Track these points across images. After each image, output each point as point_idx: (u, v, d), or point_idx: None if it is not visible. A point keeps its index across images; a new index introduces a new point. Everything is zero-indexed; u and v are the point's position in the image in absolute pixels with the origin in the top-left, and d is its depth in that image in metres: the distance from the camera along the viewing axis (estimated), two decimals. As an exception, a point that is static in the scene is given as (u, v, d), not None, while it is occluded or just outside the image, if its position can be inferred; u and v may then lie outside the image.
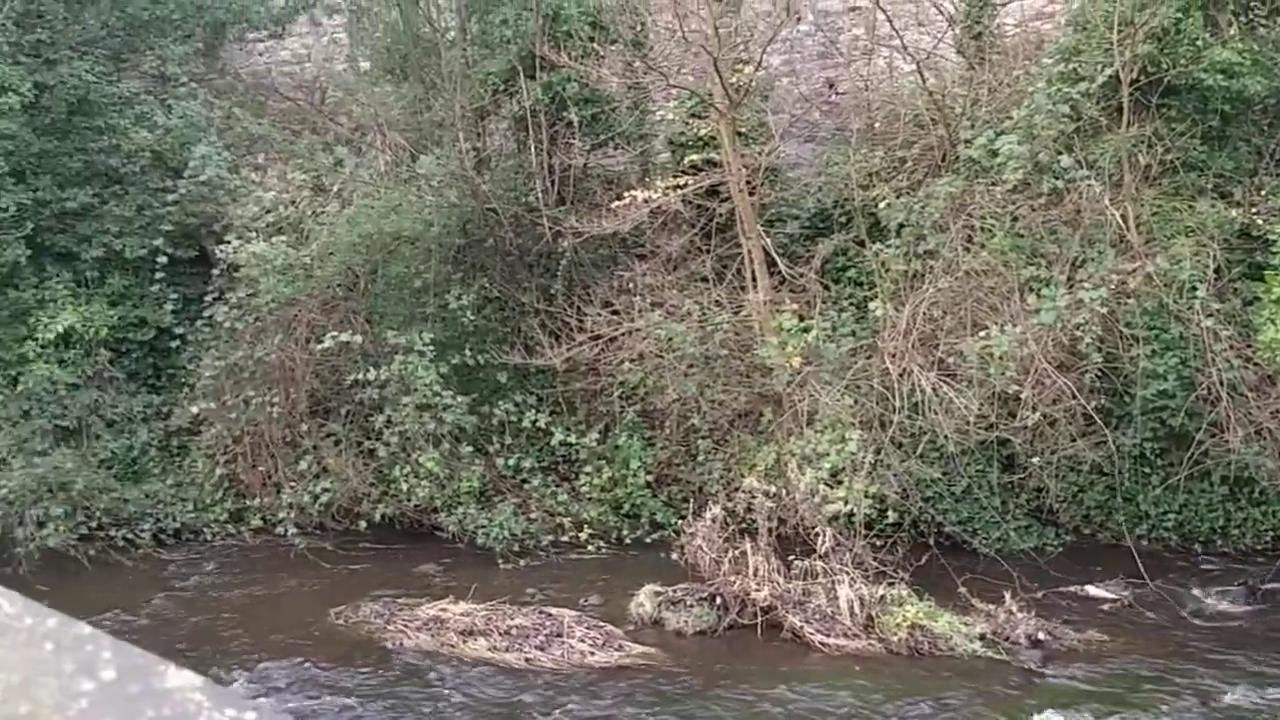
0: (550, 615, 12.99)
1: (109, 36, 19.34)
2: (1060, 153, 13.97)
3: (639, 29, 17.60)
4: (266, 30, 21.77)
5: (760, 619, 12.58)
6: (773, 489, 13.56)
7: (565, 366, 16.27)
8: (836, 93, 18.86)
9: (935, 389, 13.49)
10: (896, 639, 12.09)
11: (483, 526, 15.35)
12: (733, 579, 12.85)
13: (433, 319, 16.45)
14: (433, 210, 16.67)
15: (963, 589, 12.70)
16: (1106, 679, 11.39)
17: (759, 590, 12.65)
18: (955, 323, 14.14)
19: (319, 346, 15.96)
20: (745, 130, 16.61)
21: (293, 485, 16.15)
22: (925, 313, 14.18)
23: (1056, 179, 13.92)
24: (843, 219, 16.65)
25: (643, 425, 16.39)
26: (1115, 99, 14.55)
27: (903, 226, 14.75)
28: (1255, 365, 13.82)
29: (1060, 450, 13.87)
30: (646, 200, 15.96)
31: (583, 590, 14.04)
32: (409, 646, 12.63)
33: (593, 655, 12.31)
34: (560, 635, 12.59)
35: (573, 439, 16.29)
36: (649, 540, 15.49)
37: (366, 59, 19.81)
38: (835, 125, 18.09)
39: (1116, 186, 14.44)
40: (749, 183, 15.83)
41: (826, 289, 15.93)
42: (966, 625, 12.19)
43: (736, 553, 13.02)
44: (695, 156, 16.66)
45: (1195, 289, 13.64)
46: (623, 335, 16.09)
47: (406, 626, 12.97)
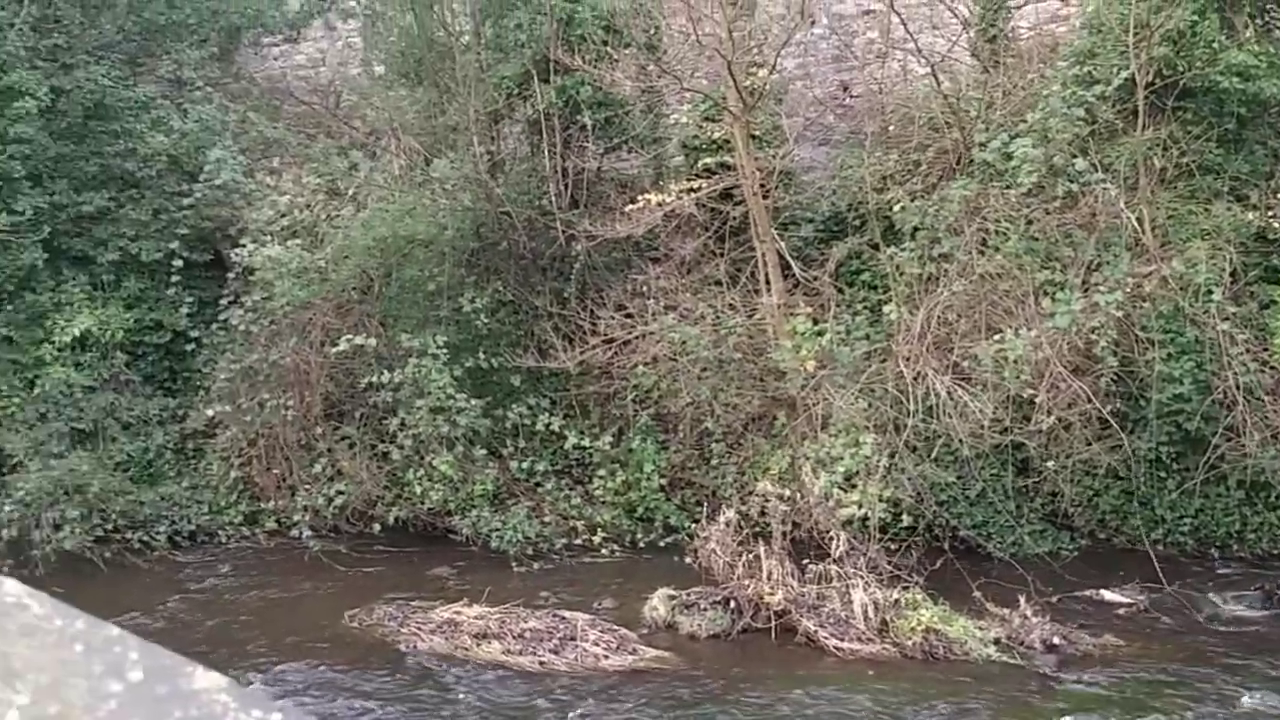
0: (564, 619, 12.98)
1: (125, 41, 19.43)
2: (1075, 156, 13.92)
3: (653, 32, 17.60)
4: (281, 35, 21.88)
5: (774, 623, 12.55)
6: (787, 492, 13.54)
7: (579, 370, 16.29)
8: (851, 96, 18.85)
9: (950, 392, 13.45)
10: (911, 643, 12.05)
11: (496, 530, 15.36)
12: (746, 583, 12.83)
13: (446, 322, 16.48)
14: (447, 214, 16.70)
15: (977, 593, 12.66)
16: (1123, 684, 11.34)
17: (773, 594, 12.63)
18: (970, 326, 14.10)
19: (333, 349, 15.99)
20: (759, 133, 16.60)
21: (307, 488, 16.18)
22: (940, 316, 14.15)
23: (1071, 182, 13.87)
24: (857, 222, 16.63)
25: (656, 429, 16.38)
26: (1131, 102, 14.51)
27: (917, 230, 14.73)
28: (1271, 369, 13.76)
29: (1075, 454, 13.82)
30: (660, 204, 15.97)
31: (596, 594, 14.03)
32: (423, 649, 12.64)
33: (606, 659, 12.30)
34: (574, 639, 12.58)
35: (586, 442, 16.28)
36: (662, 544, 15.48)
37: (381, 63, 19.88)
38: (849, 128, 18.06)
39: (1132, 190, 14.38)
40: (763, 186, 15.82)
41: (840, 292, 15.90)
42: (981, 630, 12.15)
43: (750, 556, 13.00)
44: (709, 160, 16.66)
45: (1211, 292, 13.58)
46: (636, 339, 16.10)
47: (420, 629, 12.98)
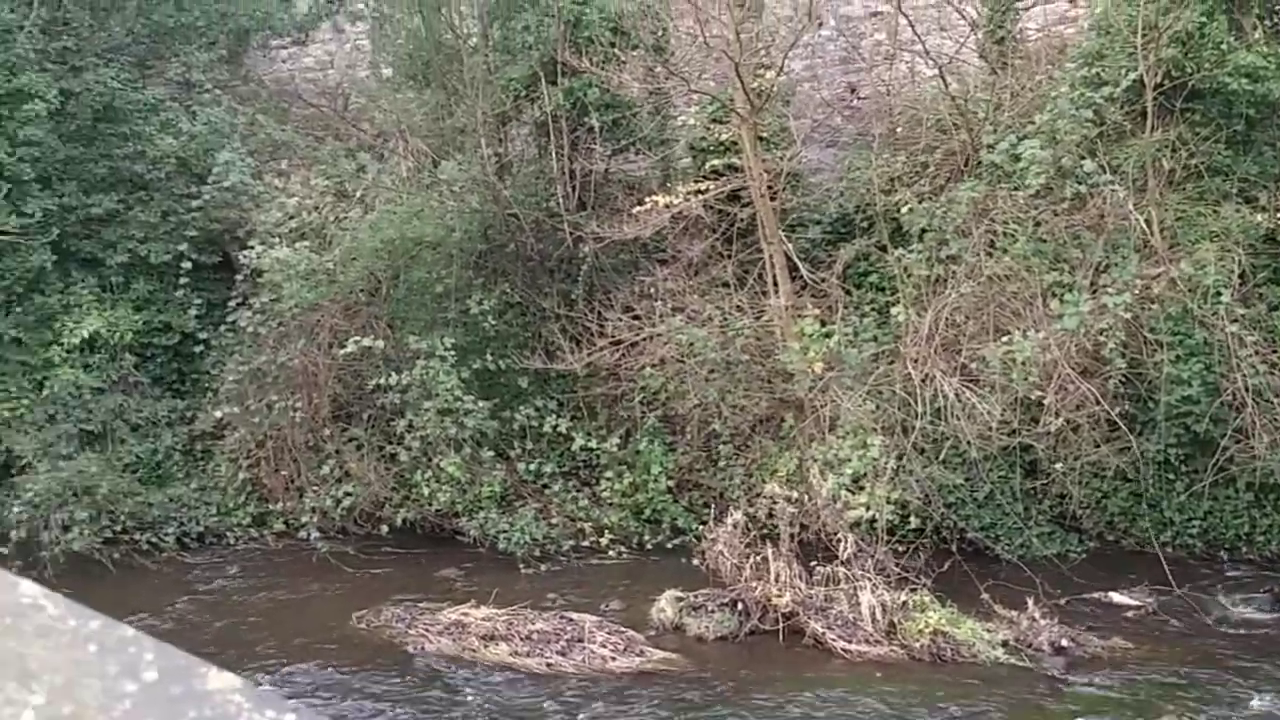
0: (571, 620, 12.98)
1: (134, 44, 19.48)
2: (1083, 157, 13.90)
3: (660, 34, 17.61)
4: (290, 37, 21.93)
5: (782, 625, 12.55)
6: (794, 494, 13.54)
7: (586, 371, 16.29)
8: (858, 98, 18.83)
9: (958, 394, 13.44)
10: (919, 645, 12.04)
11: (504, 531, 15.37)
12: (754, 584, 12.83)
13: (454, 324, 16.50)
14: (454, 216, 16.72)
15: (985, 595, 12.64)
16: (1132, 686, 11.32)
17: (780, 596, 12.63)
18: (978, 328, 14.09)
19: (341, 351, 16.02)
20: (767, 135, 16.60)
21: (315, 489, 16.21)
22: (947, 318, 14.14)
23: (1079, 184, 13.85)
24: (864, 224, 16.62)
25: (664, 430, 16.38)
26: (1139, 103, 14.48)
27: (925, 231, 14.72)
28: (1281, 371, 13.72)
29: (1083, 456, 13.79)
30: (667, 205, 15.98)
31: (604, 595, 14.03)
32: (430, 651, 12.66)
33: (614, 660, 12.31)
34: (581, 640, 12.59)
35: (594, 444, 16.29)
36: (670, 545, 15.48)
37: (389, 65, 19.91)
38: (857, 130, 18.06)
39: (1140, 191, 14.35)
40: (770, 188, 15.81)
41: (848, 294, 15.89)
42: (989, 632, 12.13)
43: (758, 558, 13.00)
44: (716, 161, 16.65)
45: (1220, 294, 13.55)
46: (644, 340, 16.09)
47: (428, 631, 12.99)
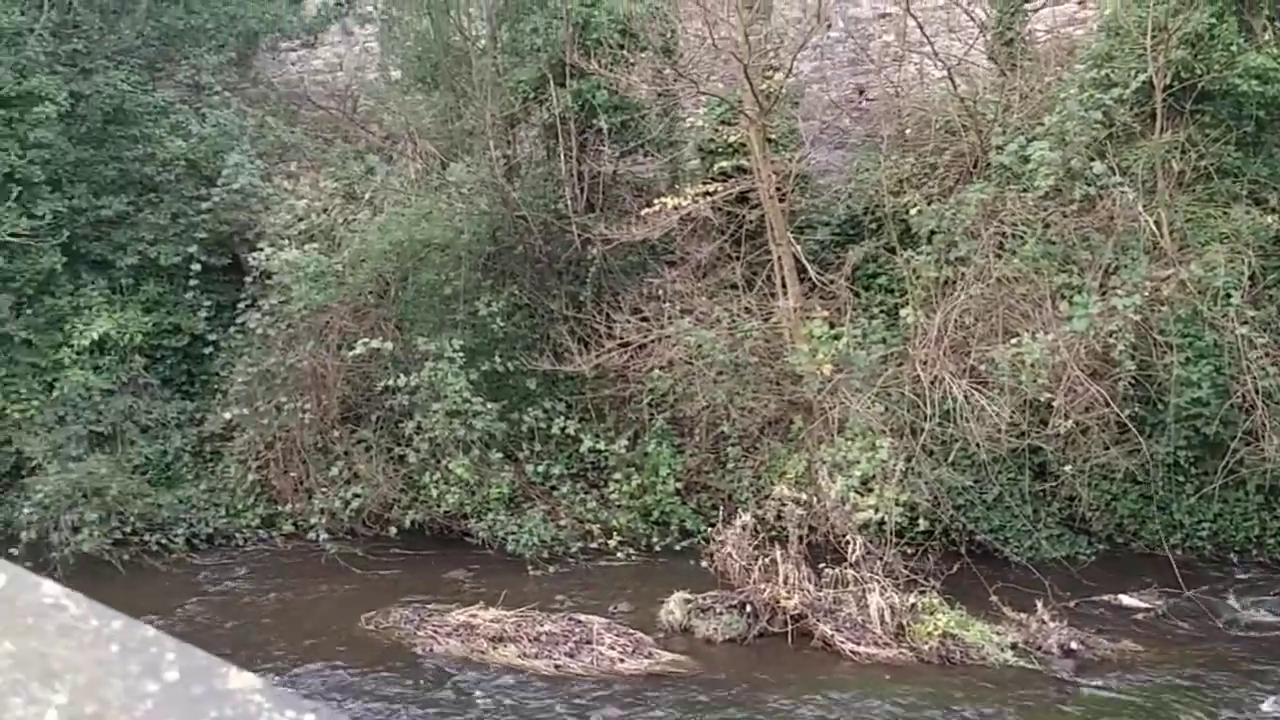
0: (580, 622, 12.97)
1: (144, 46, 19.54)
2: (1093, 159, 13.88)
3: (669, 36, 17.62)
4: (299, 40, 21.99)
5: (790, 627, 12.53)
6: (803, 496, 13.52)
7: (594, 373, 16.29)
8: (867, 99, 18.82)
9: (967, 396, 13.42)
10: (927, 648, 12.01)
11: (512, 533, 15.37)
12: (763, 587, 12.80)
13: (463, 326, 16.51)
14: (463, 218, 16.74)
15: (994, 598, 12.61)
16: (1141, 689, 11.28)
17: (789, 598, 12.61)
18: (987, 330, 14.07)
19: (350, 353, 16.04)
20: (775, 137, 16.59)
21: (324, 491, 16.23)
22: (956, 320, 14.12)
23: (1089, 185, 13.83)
24: (873, 226, 16.60)
25: (672, 432, 16.37)
26: (1148, 105, 14.46)
27: (934, 233, 14.70)
28: (1291, 373, 13.67)
29: (1093, 458, 13.76)
30: (676, 207, 15.98)
31: (612, 597, 14.02)
32: (439, 652, 12.66)
33: (623, 662, 12.30)
34: (590, 642, 12.58)
35: (602, 446, 16.29)
36: (678, 548, 15.47)
37: (398, 68, 19.94)
38: (866, 132, 18.04)
39: (1150, 193, 14.33)
40: (779, 189, 15.81)
41: (857, 296, 15.88)
42: (998, 634, 12.10)
43: (766, 560, 12.98)
44: (725, 163, 16.65)
45: (1230, 296, 13.52)
46: (652, 342, 16.10)
47: (437, 632, 13.00)
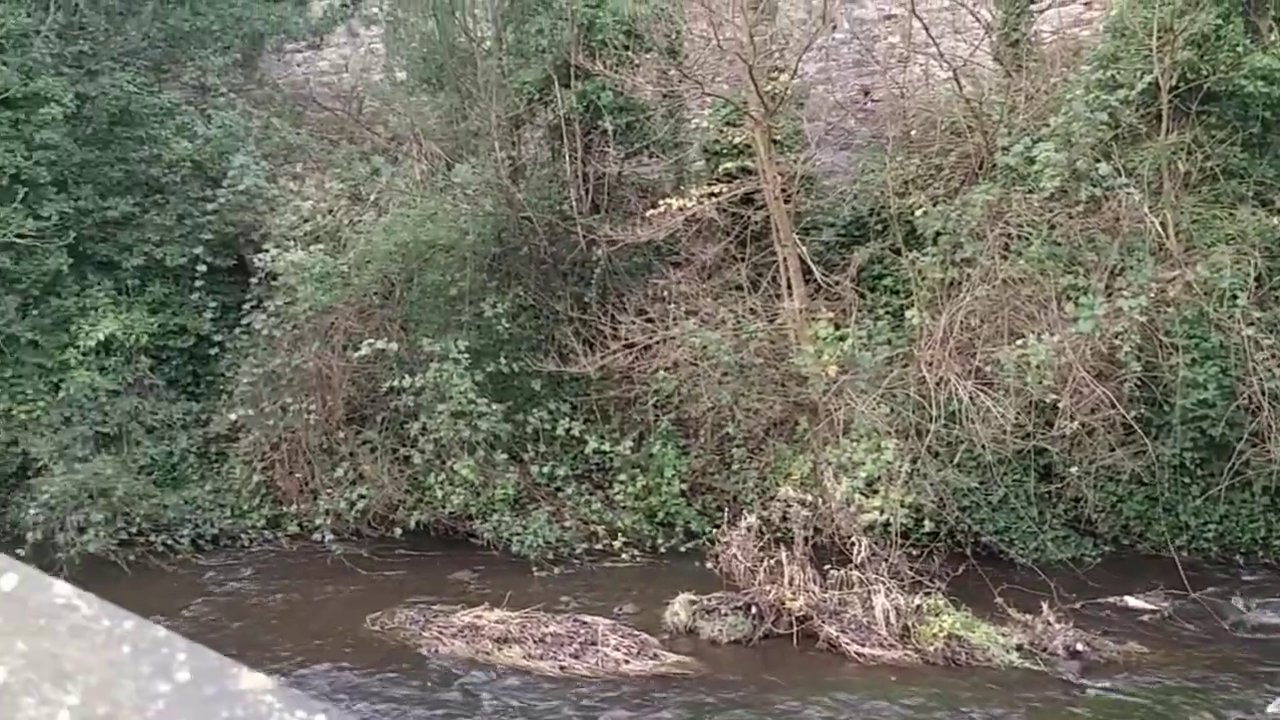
0: (585, 623, 12.97)
1: (150, 48, 19.57)
2: (1098, 160, 13.86)
3: (674, 37, 17.62)
4: (304, 41, 22.01)
5: (795, 628, 12.52)
6: (808, 498, 13.51)
7: (599, 374, 16.30)
8: (872, 100, 18.81)
9: (972, 398, 13.41)
10: (933, 649, 11.99)
11: (517, 534, 15.38)
12: (768, 588, 12.80)
13: (468, 327, 16.52)
14: (468, 219, 16.75)
15: (999, 599, 12.60)
16: (1147, 691, 11.26)
17: (794, 600, 12.60)
18: (992, 331, 14.05)
19: (355, 354, 16.06)
20: (780, 138, 16.59)
21: (329, 492, 16.24)
22: (962, 321, 14.11)
23: (1094, 187, 13.81)
24: (878, 227, 16.59)
25: (677, 434, 16.36)
26: (1154, 106, 14.43)
27: (939, 234, 14.69)
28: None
29: (1098, 460, 13.74)
30: (681, 208, 15.98)
31: (617, 598, 14.02)
32: (444, 653, 12.67)
33: (628, 664, 12.29)
34: (595, 643, 12.58)
35: (607, 447, 16.29)
36: (683, 549, 15.47)
37: (403, 69, 19.96)
38: (871, 133, 18.03)
39: (1156, 194, 14.31)
40: (784, 190, 15.81)
41: (862, 297, 15.87)
42: (1004, 636, 12.09)
43: (771, 562, 12.97)
44: (730, 164, 16.65)
45: (1236, 297, 13.50)
46: (657, 343, 16.10)
47: (442, 633, 13.01)
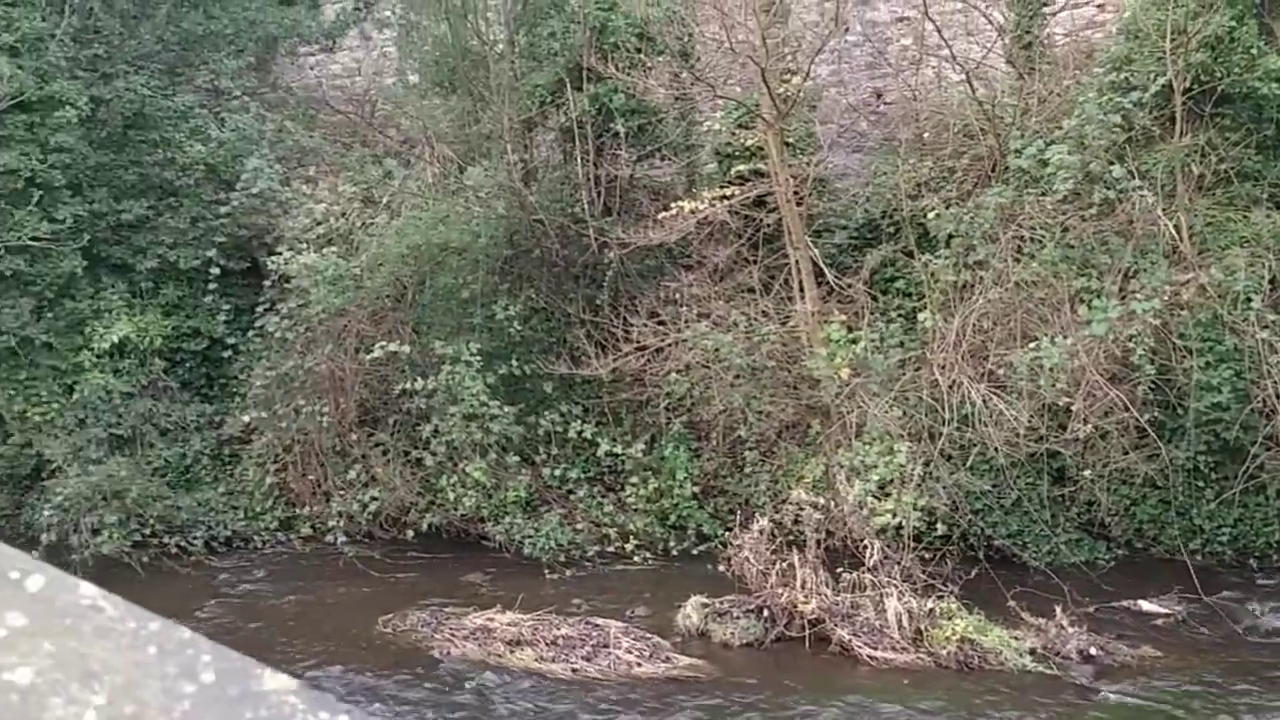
0: (597, 626, 12.97)
1: (164, 51, 19.65)
2: (1112, 163, 13.83)
3: (686, 40, 17.64)
4: (318, 44, 22.08)
5: (808, 631, 12.50)
6: (821, 501, 13.50)
7: (611, 377, 16.31)
8: (884, 103, 18.78)
9: (985, 401, 13.38)
10: (945, 653, 11.97)
11: (529, 536, 15.40)
12: (780, 591, 12.78)
13: (480, 329, 16.54)
14: (480, 221, 16.78)
15: (1013, 603, 12.56)
16: (1160, 695, 11.22)
17: (806, 603, 12.58)
18: (1005, 334, 14.03)
19: (368, 356, 16.10)
20: (793, 141, 16.58)
21: (342, 494, 16.28)
22: (975, 324, 14.08)
23: (1108, 189, 13.78)
24: (891, 229, 16.56)
25: (689, 436, 16.37)
26: (1168, 108, 14.40)
27: (952, 237, 14.67)
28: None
29: (1112, 463, 13.71)
30: (693, 211, 15.99)
31: (629, 601, 14.02)
32: (456, 655, 12.68)
33: (639, 666, 12.29)
34: (607, 646, 12.58)
35: (619, 449, 16.30)
36: (695, 552, 15.46)
37: (416, 72, 20.01)
38: (883, 135, 18.01)
39: (1169, 196, 14.26)
40: (796, 193, 15.80)
41: (875, 300, 15.85)
42: (1017, 639, 12.05)
43: (784, 565, 12.95)
44: (742, 167, 16.65)
45: (1250, 300, 13.45)
46: (669, 346, 16.10)
47: (454, 635, 13.02)
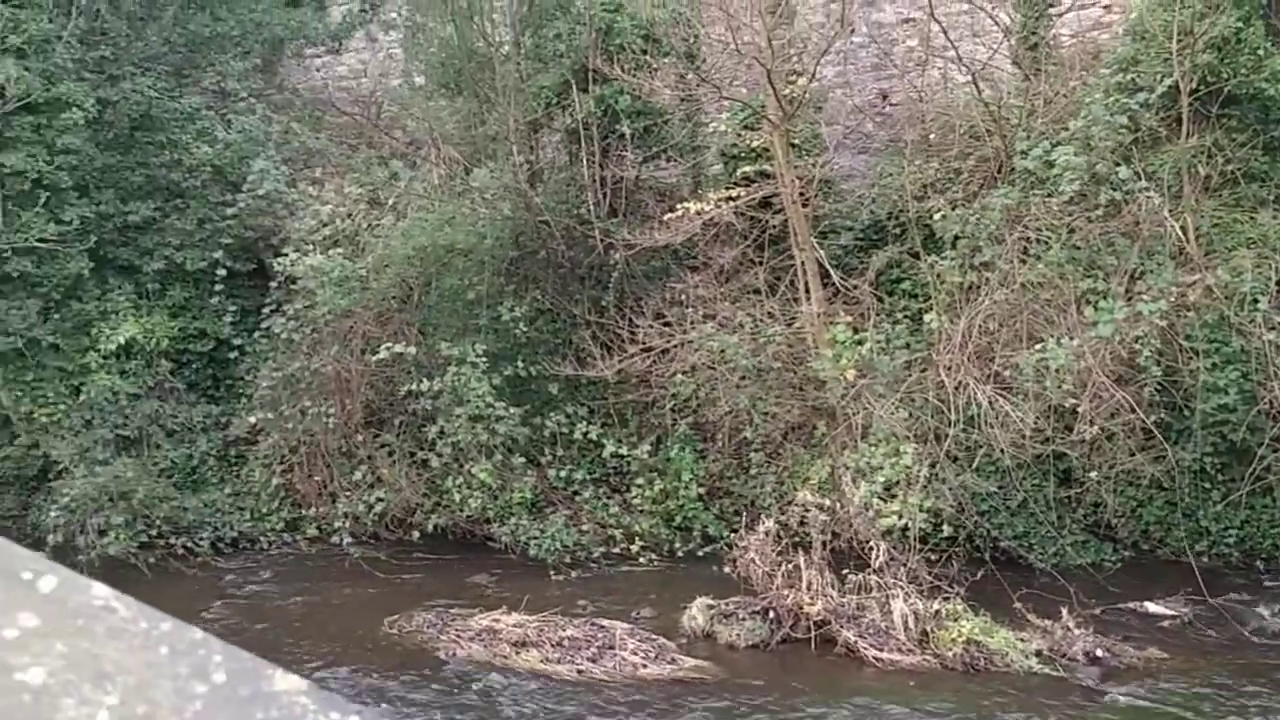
0: (602, 627, 12.98)
1: (171, 53, 19.68)
2: (1118, 164, 13.81)
3: (691, 41, 17.64)
4: (324, 46, 22.12)
5: (813, 633, 12.50)
6: (826, 502, 13.49)
7: (617, 378, 16.31)
8: (890, 104, 18.78)
9: (991, 402, 13.37)
10: (951, 654, 11.96)
11: (535, 538, 15.41)
12: (785, 593, 12.78)
13: (485, 331, 16.56)
14: (486, 223, 16.80)
15: (1019, 604, 12.55)
16: (1167, 697, 11.20)
17: (812, 604, 12.57)
18: (1011, 335, 14.01)
19: (374, 358, 16.12)
20: (798, 142, 16.59)
21: (348, 495, 16.30)
22: (981, 325, 14.07)
23: (1114, 190, 13.76)
24: (897, 231, 16.55)
25: (694, 437, 16.36)
26: (1174, 109, 14.38)
27: (958, 238, 14.65)
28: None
29: (1118, 464, 13.68)
30: (699, 212, 15.99)
31: (634, 602, 14.03)
32: (462, 656, 12.69)
33: (645, 668, 12.29)
34: (612, 647, 12.59)
35: (624, 451, 16.30)
36: (701, 553, 15.46)
37: (422, 74, 20.04)
38: (889, 137, 18.01)
39: (1176, 197, 14.25)
40: (802, 194, 15.80)
41: (880, 301, 15.84)
42: (1023, 641, 12.04)
43: (789, 566, 12.95)
44: (748, 168, 16.66)
45: (1257, 301, 13.43)
46: (675, 347, 16.10)
47: (459, 637, 13.03)
